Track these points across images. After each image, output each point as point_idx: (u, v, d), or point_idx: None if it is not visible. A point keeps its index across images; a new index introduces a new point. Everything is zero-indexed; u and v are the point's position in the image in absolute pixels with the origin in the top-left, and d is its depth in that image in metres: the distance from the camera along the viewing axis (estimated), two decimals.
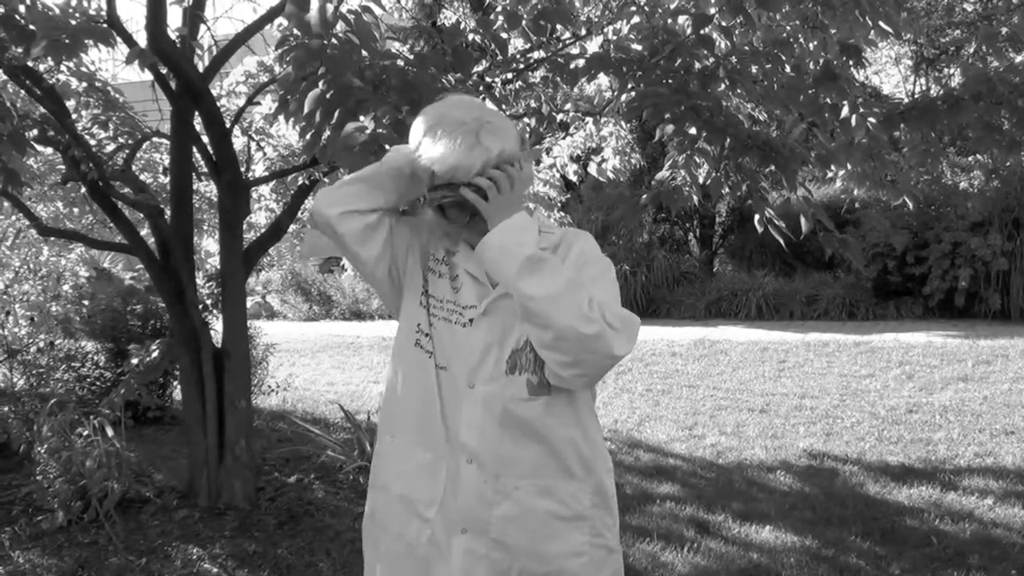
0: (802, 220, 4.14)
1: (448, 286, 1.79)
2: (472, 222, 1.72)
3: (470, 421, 1.71)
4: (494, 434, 1.70)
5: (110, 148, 4.90)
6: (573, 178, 6.71)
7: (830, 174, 4.52)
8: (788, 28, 4.02)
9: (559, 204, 7.04)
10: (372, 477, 1.89)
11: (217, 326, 5.24)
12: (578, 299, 1.59)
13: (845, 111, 3.92)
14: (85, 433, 4.66)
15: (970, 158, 11.59)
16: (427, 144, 1.67)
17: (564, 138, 6.20)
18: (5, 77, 4.23)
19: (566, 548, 1.73)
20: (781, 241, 4.22)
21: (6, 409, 5.76)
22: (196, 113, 4.52)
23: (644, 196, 4.45)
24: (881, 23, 3.72)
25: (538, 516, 1.71)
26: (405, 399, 1.80)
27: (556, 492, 1.72)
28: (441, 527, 1.73)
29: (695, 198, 4.50)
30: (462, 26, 4.04)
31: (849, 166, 4.22)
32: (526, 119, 5.01)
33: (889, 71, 16.87)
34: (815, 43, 4.00)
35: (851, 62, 3.99)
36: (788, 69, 3.95)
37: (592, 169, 5.92)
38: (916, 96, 11.06)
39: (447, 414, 1.73)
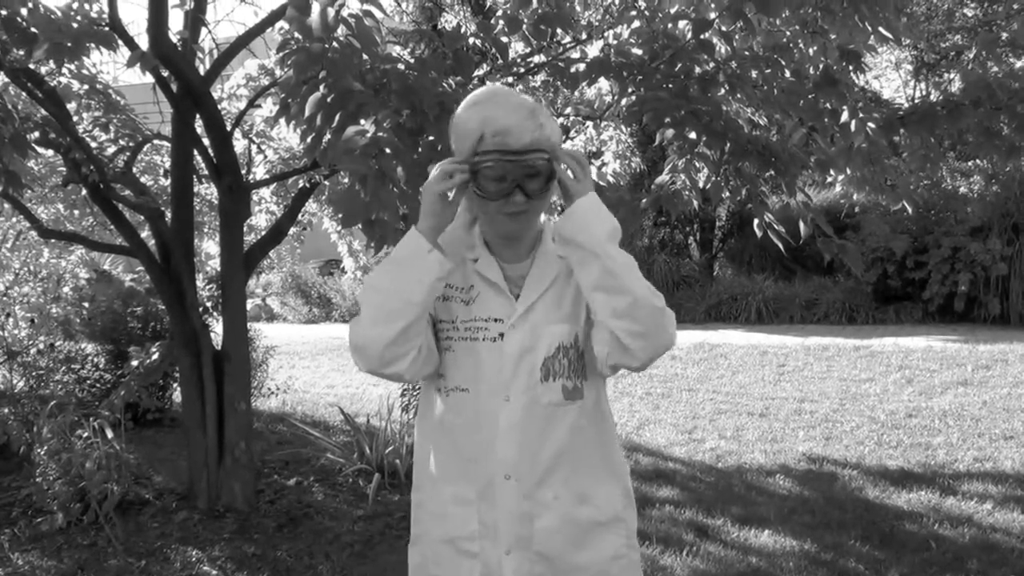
0: (801, 225, 4.15)
1: (459, 305, 1.72)
2: (506, 200, 1.63)
3: (507, 434, 1.66)
4: (533, 444, 1.67)
5: (111, 150, 4.91)
6: None
7: (830, 179, 4.53)
8: (788, 33, 4.03)
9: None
10: (413, 535, 1.83)
11: (217, 328, 5.25)
12: (643, 278, 1.65)
13: (845, 116, 3.93)
14: (85, 435, 4.66)
15: (969, 163, 11.61)
16: (474, 112, 1.63)
17: (564, 142, 6.21)
18: (7, 79, 4.24)
19: (607, 552, 1.73)
20: (780, 246, 4.22)
21: (6, 411, 5.76)
22: (197, 116, 4.53)
23: (644, 200, 4.45)
24: (881, 28, 3.74)
25: (580, 524, 1.70)
26: (433, 447, 1.76)
27: (593, 497, 1.72)
28: (492, 555, 1.69)
29: (695, 202, 4.51)
30: (463, 30, 4.04)
31: (849, 171, 4.23)
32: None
33: (889, 76, 16.90)
34: (815, 48, 4.01)
35: (851, 67, 4.00)
36: (788, 74, 3.96)
37: (592, 173, 5.93)
38: (916, 101, 11.07)
39: (475, 437, 1.68)
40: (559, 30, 4.00)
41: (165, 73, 4.30)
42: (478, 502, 1.68)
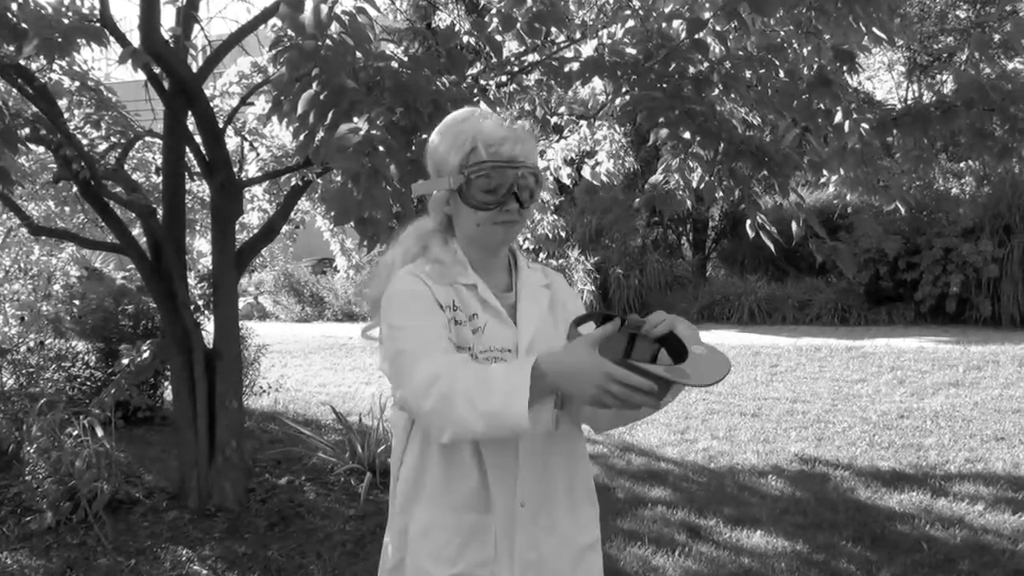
0: (794, 226, 4.15)
1: (468, 332, 1.65)
2: (500, 209, 1.64)
3: (528, 461, 1.65)
4: (541, 470, 1.67)
5: (102, 147, 4.89)
6: (567, 181, 6.71)
7: (823, 179, 4.54)
8: (782, 33, 4.03)
9: (552, 207, 7.04)
10: (393, 560, 1.72)
11: (209, 327, 5.23)
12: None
13: (838, 116, 3.93)
14: (75, 433, 4.64)
15: (961, 164, 11.64)
16: (465, 127, 1.66)
17: (558, 141, 6.20)
18: None
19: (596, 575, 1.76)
20: (771, 247, 4.22)
21: None
22: (189, 113, 4.51)
23: (638, 200, 4.45)
24: (875, 29, 3.74)
25: (576, 548, 1.72)
26: (442, 471, 1.66)
27: (584, 521, 1.75)
28: None
29: (688, 202, 4.51)
30: (456, 28, 4.03)
31: (842, 171, 4.23)
32: (520, 122, 5.00)
33: (882, 77, 16.94)
34: (809, 48, 4.01)
35: (845, 68, 4.00)
36: (782, 74, 3.96)
37: (586, 172, 5.93)
38: (909, 102, 11.09)
39: (500, 464, 1.64)
40: (553, 29, 4.00)
41: (157, 70, 4.27)
42: (495, 530, 1.64)
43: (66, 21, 3.18)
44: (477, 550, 1.63)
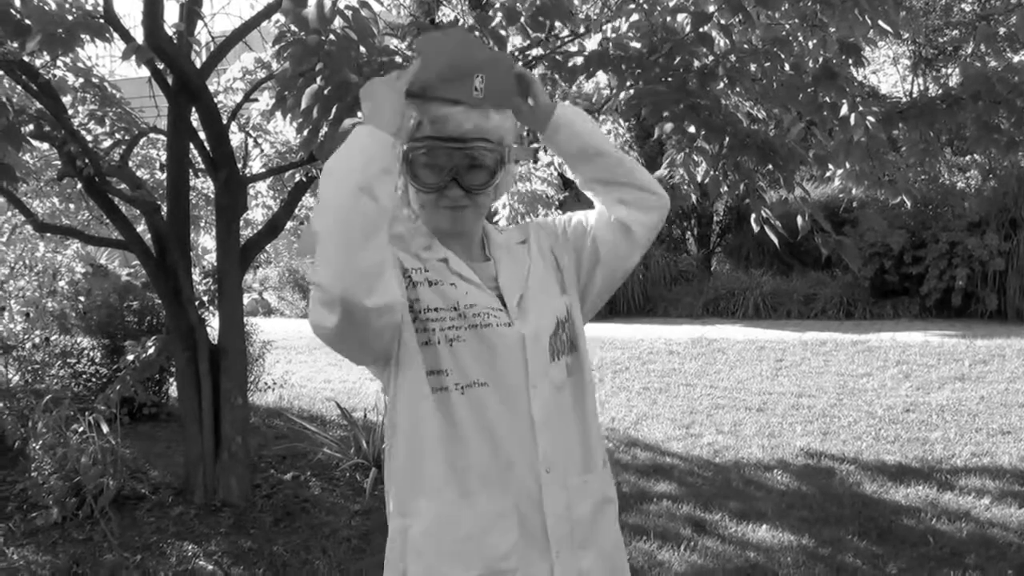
0: (799, 220, 4.13)
1: (452, 290, 1.52)
2: (441, 194, 1.50)
3: (544, 426, 1.52)
4: (559, 430, 1.55)
5: (106, 144, 4.89)
6: (571, 176, 6.71)
7: (828, 173, 4.52)
8: (787, 26, 4.01)
9: (557, 202, 7.03)
10: (395, 567, 1.54)
11: (213, 323, 5.23)
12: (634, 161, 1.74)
13: (844, 110, 3.92)
14: (80, 430, 4.64)
15: (967, 158, 11.60)
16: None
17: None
18: (1, 72, 4.21)
19: (616, 527, 1.67)
20: (776, 241, 4.21)
21: (1, 405, 5.74)
22: (193, 109, 4.50)
23: None
24: (880, 22, 3.71)
25: (602, 502, 1.62)
26: (443, 460, 1.49)
27: (608, 478, 1.66)
28: (538, 567, 1.51)
29: (693, 197, 4.50)
30: (460, 23, 4.02)
31: (848, 165, 4.22)
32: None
33: (887, 70, 16.88)
34: (814, 41, 3.99)
35: (850, 61, 3.98)
36: (787, 68, 3.94)
37: None
38: (914, 96, 11.05)
39: (512, 436, 1.50)
40: (557, 23, 3.98)
41: (161, 66, 4.27)
42: (518, 509, 1.50)
43: (70, 17, 3.18)
44: (499, 538, 1.48)
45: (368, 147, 1.36)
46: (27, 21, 3.13)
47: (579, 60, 3.93)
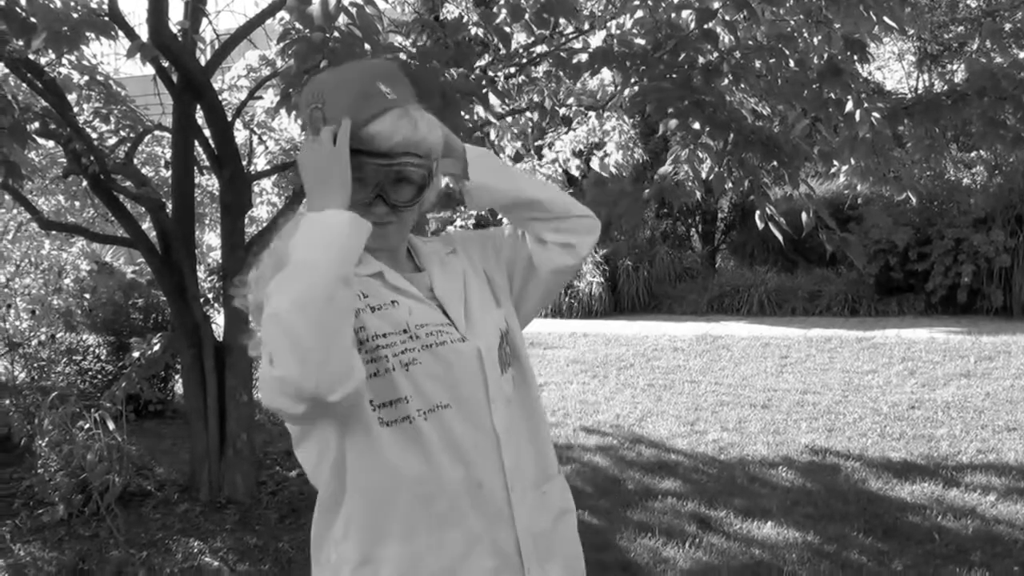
0: (804, 217, 4.13)
1: (399, 311, 1.44)
2: (366, 209, 1.41)
3: (508, 440, 1.47)
4: (520, 440, 1.51)
5: (112, 141, 4.90)
6: (575, 173, 6.70)
7: (833, 169, 4.52)
8: (792, 23, 4.01)
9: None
10: None
11: (219, 320, 5.24)
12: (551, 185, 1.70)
13: (849, 106, 3.91)
14: (86, 426, 4.66)
15: (972, 154, 11.56)
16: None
17: (566, 133, 6.19)
18: (6, 70, 4.22)
19: (577, 545, 1.64)
20: (780, 238, 4.21)
21: (7, 402, 5.76)
22: (198, 107, 4.51)
23: (647, 191, 4.44)
24: (886, 18, 3.71)
25: (562, 511, 1.60)
26: (407, 494, 1.40)
27: (563, 488, 1.62)
28: None
29: (698, 193, 4.49)
30: (464, 20, 4.02)
31: (853, 161, 4.21)
32: (528, 113, 5.00)
33: (892, 67, 16.84)
34: (819, 38, 3.99)
35: (855, 57, 3.97)
36: (792, 64, 3.94)
37: (595, 164, 5.92)
38: (919, 92, 11.02)
39: (480, 457, 1.44)
40: (562, 20, 3.98)
41: (165, 64, 4.28)
42: (491, 531, 1.44)
43: (75, 15, 3.19)
44: (476, 565, 1.43)
45: (350, 237, 1.27)
46: (33, 19, 3.15)
47: (583, 57, 3.94)
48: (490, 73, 4.17)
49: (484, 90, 3.83)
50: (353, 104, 1.39)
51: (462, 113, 3.38)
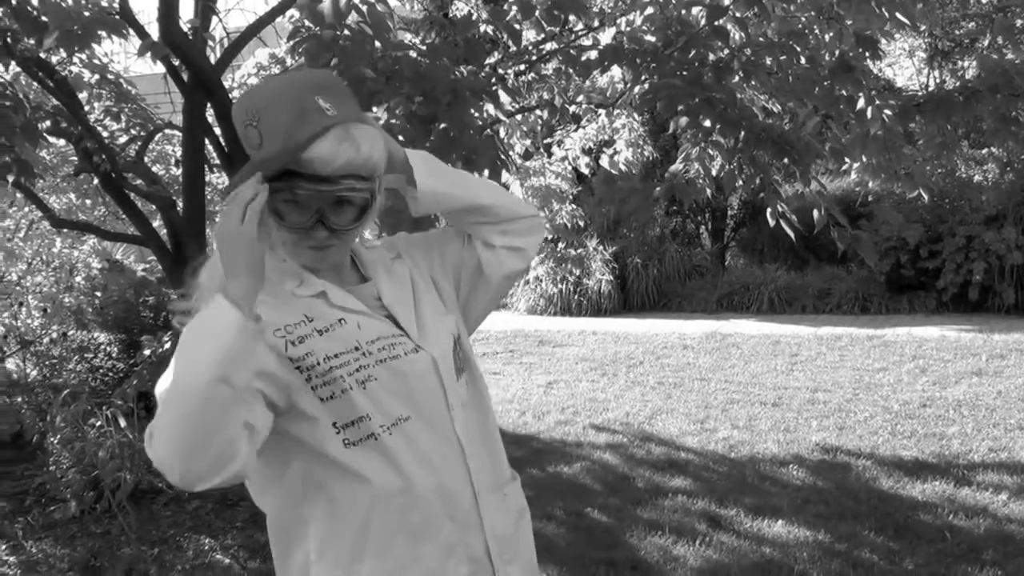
0: (815, 214, 4.11)
1: (347, 329, 1.41)
2: (306, 233, 1.38)
3: (470, 445, 1.47)
4: (479, 445, 1.51)
5: (122, 140, 4.92)
6: (585, 171, 6.69)
7: (844, 166, 4.50)
8: (803, 19, 3.99)
9: (571, 197, 7.02)
10: None
11: None
12: (497, 187, 1.69)
13: (861, 103, 3.89)
14: (98, 424, 4.68)
15: (984, 151, 11.50)
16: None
17: (576, 130, 6.18)
18: (18, 69, 4.24)
19: (533, 545, 1.63)
20: (792, 236, 4.19)
21: (20, 400, 5.78)
22: (208, 105, 4.52)
23: (658, 189, 4.43)
24: (898, 14, 3.70)
25: (521, 512, 1.60)
26: (376, 514, 1.39)
27: (518, 488, 1.62)
28: None
29: (708, 191, 4.48)
30: (474, 17, 4.02)
31: (864, 158, 4.19)
32: (538, 111, 4.99)
33: (902, 64, 16.77)
34: (831, 34, 3.97)
35: (867, 54, 3.96)
36: (803, 61, 3.92)
37: (604, 162, 5.91)
38: (930, 89, 10.96)
39: (447, 465, 1.44)
40: (571, 17, 3.97)
41: (176, 62, 4.29)
42: (463, 538, 1.45)
43: (86, 13, 3.20)
44: (454, 570, 1.43)
45: (235, 340, 1.20)
46: (44, 18, 3.16)
47: (593, 54, 3.93)
48: (500, 70, 4.17)
49: (494, 87, 3.83)
50: (290, 124, 1.32)
51: (471, 111, 3.38)
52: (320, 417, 1.36)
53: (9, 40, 3.54)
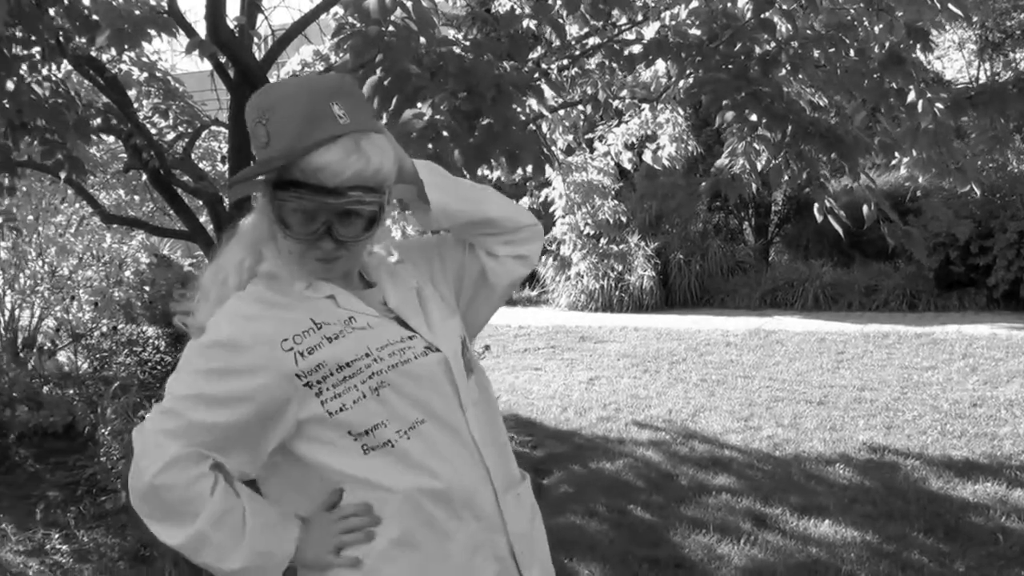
0: (865, 209, 4.04)
1: (360, 334, 1.40)
2: (312, 244, 1.38)
3: (485, 445, 1.46)
4: (493, 444, 1.50)
5: (170, 137, 4.98)
6: (627, 166, 6.65)
7: (894, 161, 4.42)
8: (852, 11, 3.92)
9: (613, 192, 6.98)
10: None
11: None
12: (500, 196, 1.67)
13: (911, 96, 3.82)
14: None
15: None
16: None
17: (618, 125, 6.14)
18: (70, 67, 4.31)
19: (547, 543, 1.62)
20: (840, 231, 4.12)
21: (71, 392, 5.91)
22: None
23: (703, 184, 4.38)
24: (950, 5, 3.61)
25: (535, 516, 1.59)
26: (410, 507, 1.39)
27: (530, 488, 1.60)
28: None
29: (753, 186, 4.42)
30: (517, 12, 4.01)
31: (915, 153, 4.11)
32: (581, 106, 4.97)
33: (952, 56, 16.43)
34: (880, 26, 3.89)
35: (918, 46, 3.87)
36: (852, 53, 3.85)
37: (647, 157, 5.86)
38: (981, 81, 10.73)
39: (466, 465, 1.43)
40: (615, 11, 3.94)
41: (223, 60, 4.33)
42: (490, 537, 1.44)
43: (136, 12, 3.24)
44: (482, 568, 1.43)
45: None
46: (95, 17, 3.21)
47: (637, 49, 3.90)
48: (543, 65, 4.15)
49: (538, 82, 3.81)
50: (298, 126, 1.31)
51: (515, 106, 3.37)
52: (336, 440, 1.37)
53: (62, 39, 3.60)
